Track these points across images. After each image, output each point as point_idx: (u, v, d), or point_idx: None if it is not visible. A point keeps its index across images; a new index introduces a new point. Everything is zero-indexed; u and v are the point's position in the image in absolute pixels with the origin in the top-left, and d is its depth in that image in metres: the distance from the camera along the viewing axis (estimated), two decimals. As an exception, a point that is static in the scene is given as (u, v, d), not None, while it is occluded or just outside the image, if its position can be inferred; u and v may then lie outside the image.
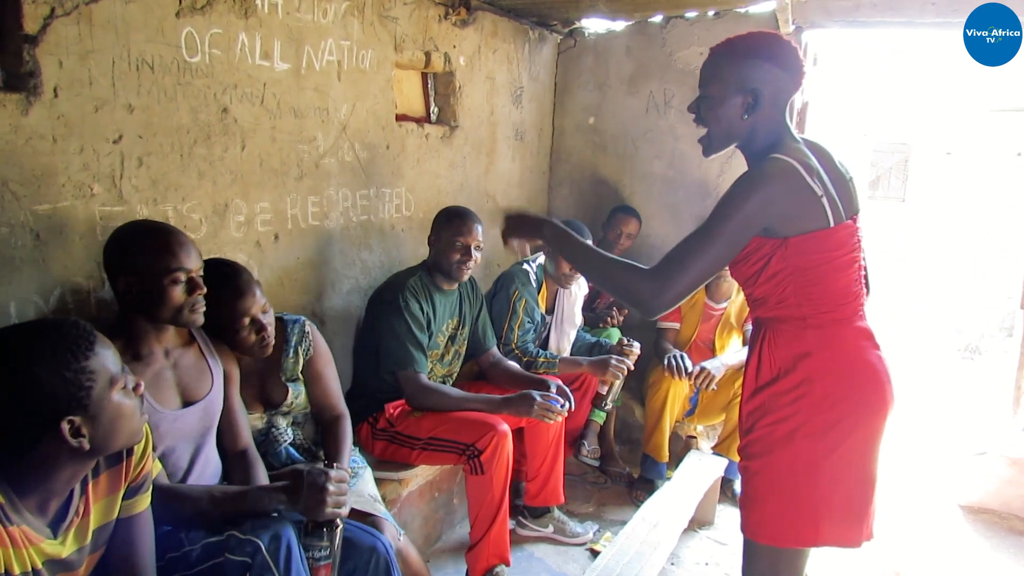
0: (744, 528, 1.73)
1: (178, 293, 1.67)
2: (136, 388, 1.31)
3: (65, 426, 1.18)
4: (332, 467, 1.70)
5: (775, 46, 1.62)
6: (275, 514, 1.66)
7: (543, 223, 1.79)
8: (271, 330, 2.05)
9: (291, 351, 2.20)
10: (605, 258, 1.67)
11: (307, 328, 2.25)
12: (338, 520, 1.68)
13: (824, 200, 1.55)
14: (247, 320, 1.99)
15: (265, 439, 2.17)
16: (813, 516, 1.63)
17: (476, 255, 2.69)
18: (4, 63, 1.78)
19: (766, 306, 1.67)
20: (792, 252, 1.56)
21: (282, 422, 2.21)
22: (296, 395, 2.21)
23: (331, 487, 1.64)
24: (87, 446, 1.21)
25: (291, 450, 2.21)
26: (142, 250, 1.66)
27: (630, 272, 1.60)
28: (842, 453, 1.60)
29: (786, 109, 1.66)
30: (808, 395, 1.60)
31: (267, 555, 1.53)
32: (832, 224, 1.56)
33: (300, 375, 2.23)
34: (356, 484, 2.21)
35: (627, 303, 1.65)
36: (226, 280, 1.96)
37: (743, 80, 1.61)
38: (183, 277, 1.67)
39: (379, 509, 2.14)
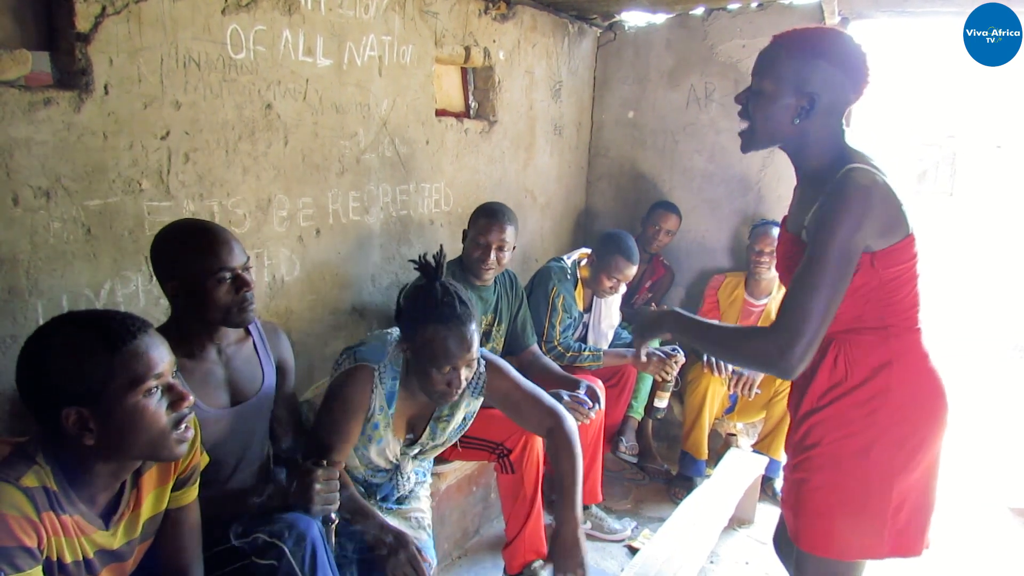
0: (801, 541, 1.66)
1: (224, 293, 1.63)
2: (177, 403, 1.25)
3: (69, 415, 1.16)
4: (322, 464, 1.68)
5: (845, 50, 1.51)
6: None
7: (663, 317, 1.72)
8: (465, 380, 1.88)
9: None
10: (730, 333, 1.60)
11: (481, 368, 2.06)
12: (332, 515, 1.67)
13: (905, 207, 1.48)
14: (446, 368, 1.84)
15: (388, 479, 2.11)
16: (880, 529, 1.57)
17: (501, 255, 2.64)
18: (57, 61, 1.83)
19: (840, 321, 1.55)
20: (881, 264, 1.49)
21: (408, 467, 2.12)
22: (432, 436, 2.10)
23: (319, 485, 1.63)
24: (90, 441, 1.18)
25: (396, 494, 2.14)
26: (184, 253, 1.62)
27: (754, 337, 1.51)
28: (914, 465, 1.56)
29: (843, 117, 1.57)
30: (884, 406, 1.54)
31: (292, 559, 1.54)
32: (911, 231, 1.50)
33: (450, 420, 2.10)
34: (409, 503, 2.18)
35: (763, 370, 1.56)
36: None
37: (802, 82, 1.50)
38: (227, 276, 1.62)
39: (421, 537, 2.08)
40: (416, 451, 2.10)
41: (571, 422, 2.07)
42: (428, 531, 2.15)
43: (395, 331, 2.02)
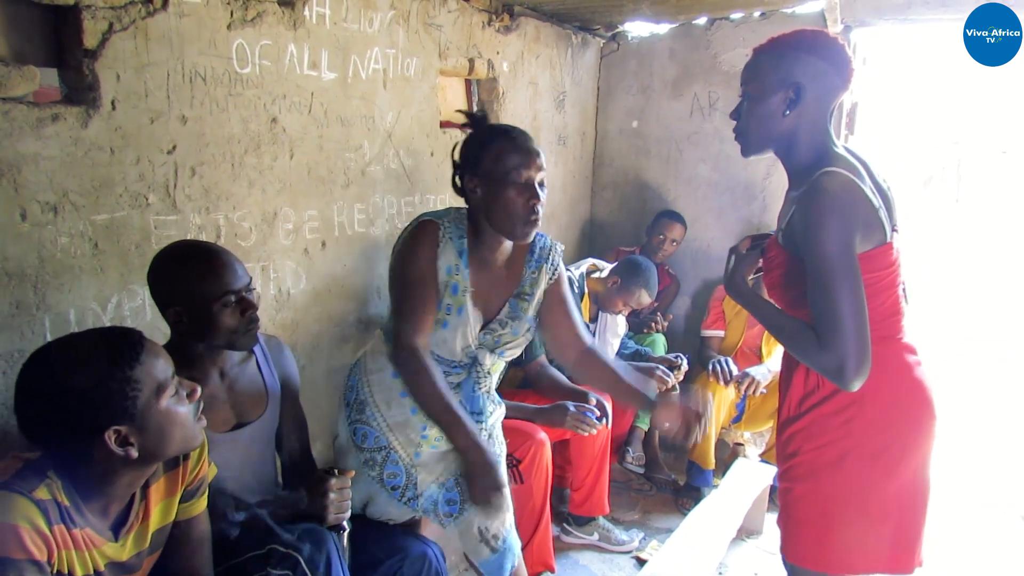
0: (787, 552, 1.67)
1: (230, 317, 1.61)
2: (191, 394, 1.31)
3: (111, 436, 1.18)
4: (334, 473, 1.68)
5: (820, 41, 1.54)
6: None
7: (731, 284, 1.77)
8: (542, 199, 1.79)
9: (534, 264, 1.96)
10: (788, 331, 1.55)
11: (558, 252, 2.00)
12: (344, 524, 1.68)
13: (881, 213, 1.48)
14: (524, 178, 1.76)
15: (466, 375, 1.91)
16: (862, 542, 1.57)
17: None
18: (65, 77, 1.85)
19: None
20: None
21: (487, 360, 1.91)
22: (511, 314, 1.92)
23: (333, 494, 1.64)
24: (135, 455, 1.21)
25: (480, 398, 1.90)
26: (186, 278, 1.59)
27: (811, 346, 1.47)
28: (893, 476, 1.55)
29: (830, 113, 1.57)
30: (859, 416, 1.54)
31: (307, 568, 1.53)
32: (889, 238, 1.50)
33: (531, 300, 1.94)
34: (463, 516, 1.95)
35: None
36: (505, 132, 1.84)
37: (785, 75, 1.53)
38: (233, 299, 1.61)
39: (483, 553, 1.95)
40: (494, 335, 1.91)
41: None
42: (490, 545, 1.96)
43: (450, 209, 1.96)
